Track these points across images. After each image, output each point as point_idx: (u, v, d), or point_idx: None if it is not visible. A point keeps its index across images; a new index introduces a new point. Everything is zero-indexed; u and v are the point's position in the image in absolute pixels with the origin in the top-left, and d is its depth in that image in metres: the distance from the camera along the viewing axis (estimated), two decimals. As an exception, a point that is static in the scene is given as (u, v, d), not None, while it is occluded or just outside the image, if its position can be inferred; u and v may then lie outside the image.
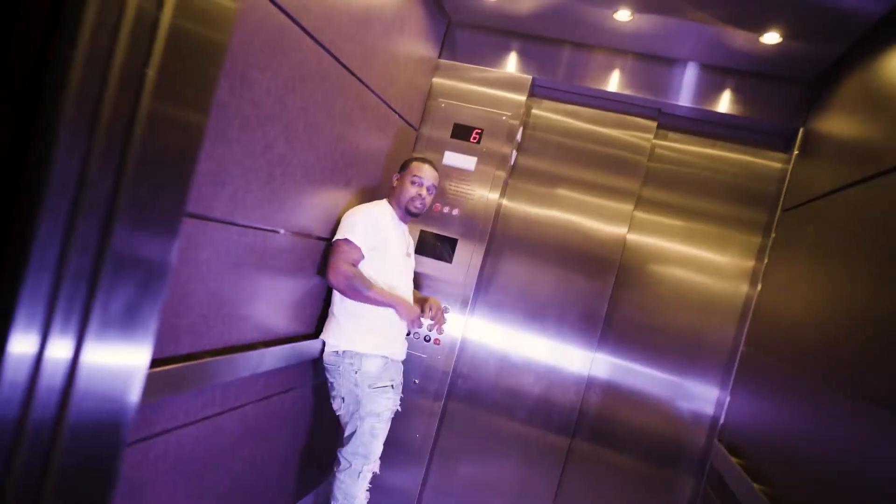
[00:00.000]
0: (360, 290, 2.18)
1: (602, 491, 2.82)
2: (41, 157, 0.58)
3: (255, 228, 1.79)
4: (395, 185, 2.42)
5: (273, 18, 1.62)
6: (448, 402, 2.95)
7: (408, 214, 2.40)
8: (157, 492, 1.63)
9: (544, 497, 2.86)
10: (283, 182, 1.87)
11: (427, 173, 2.39)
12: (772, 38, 2.26)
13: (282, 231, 1.95)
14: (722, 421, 2.58)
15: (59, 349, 0.71)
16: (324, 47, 1.90)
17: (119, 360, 0.79)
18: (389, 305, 2.26)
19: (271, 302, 2.00)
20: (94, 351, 0.75)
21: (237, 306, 1.80)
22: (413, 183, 2.36)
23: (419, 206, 2.38)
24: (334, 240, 2.21)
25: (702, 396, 2.71)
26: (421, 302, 2.48)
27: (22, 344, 0.66)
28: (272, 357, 2.00)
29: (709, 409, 2.70)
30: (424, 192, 2.37)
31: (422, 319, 2.36)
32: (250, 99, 1.60)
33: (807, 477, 1.59)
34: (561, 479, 2.86)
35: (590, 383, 2.86)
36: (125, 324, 0.77)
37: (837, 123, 2.17)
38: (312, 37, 1.82)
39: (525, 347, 2.91)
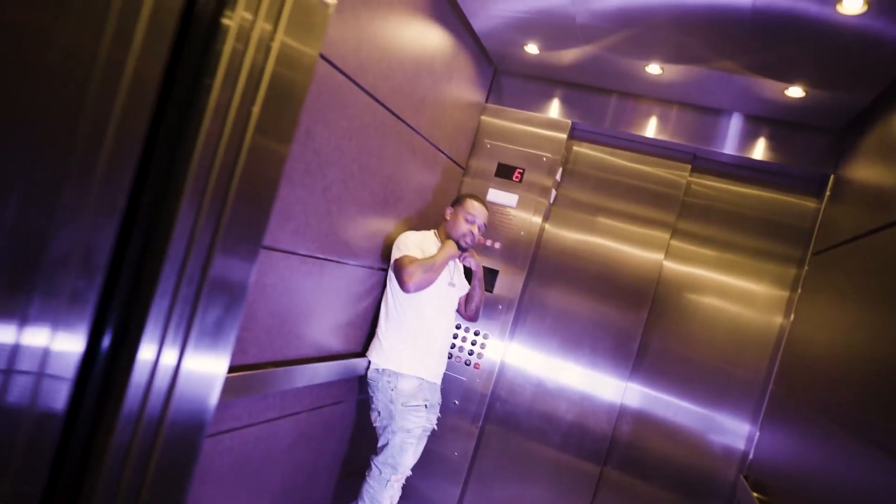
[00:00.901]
0: (431, 271, 2.38)
1: (631, 519, 2.91)
2: (171, 206, 0.83)
3: (313, 257, 2.07)
4: (447, 218, 2.63)
5: (334, 79, 1.91)
6: (485, 425, 3.12)
7: (458, 250, 2.60)
8: (219, 482, 1.89)
9: (575, 521, 2.97)
10: (339, 217, 2.14)
11: (480, 212, 2.60)
12: (796, 91, 2.39)
13: (336, 260, 2.21)
14: (751, 457, 2.64)
15: (168, 357, 0.95)
16: (378, 101, 2.18)
17: (206, 368, 1.03)
18: (449, 257, 2.47)
19: (325, 322, 2.26)
20: (190, 359, 0.99)
21: (296, 325, 2.07)
22: (466, 220, 2.58)
23: (469, 241, 2.59)
24: (394, 259, 2.43)
25: (733, 430, 2.78)
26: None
27: (146, 353, 0.91)
28: (325, 371, 2.25)
29: (740, 444, 2.76)
30: (476, 230, 2.59)
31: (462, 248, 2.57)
32: (313, 148, 1.88)
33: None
34: (592, 502, 2.97)
35: (622, 412, 2.98)
36: (213, 337, 1.02)
37: (863, 171, 2.26)
38: (369, 93, 2.10)
39: (560, 375, 3.07)
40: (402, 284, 2.37)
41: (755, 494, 2.21)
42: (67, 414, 0.83)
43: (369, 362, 2.51)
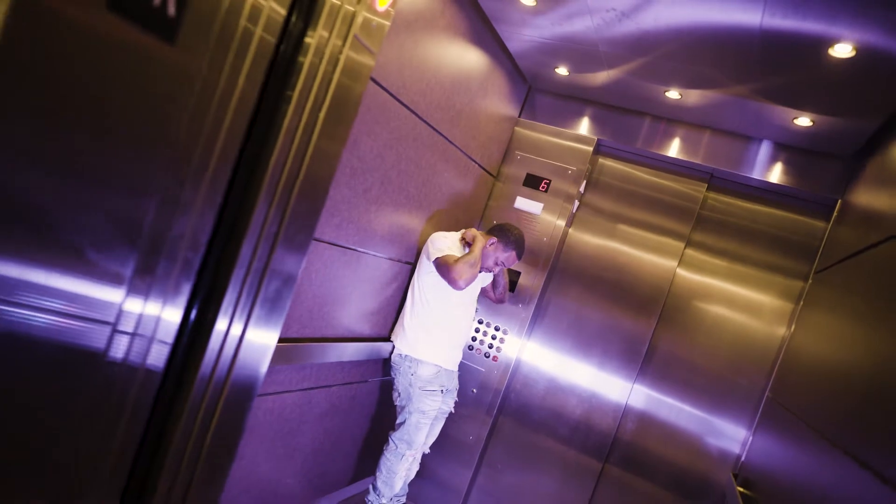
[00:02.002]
0: (475, 267, 2.61)
1: (630, 511, 3.12)
2: (251, 203, 1.11)
3: (352, 249, 2.36)
4: (489, 246, 2.77)
5: (379, 96, 2.20)
6: (499, 414, 3.37)
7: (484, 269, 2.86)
8: (260, 437, 2.20)
9: (577, 510, 3.20)
10: (376, 216, 2.43)
11: (511, 257, 2.82)
12: (804, 121, 2.57)
13: (371, 253, 2.51)
14: (743, 459, 2.83)
15: (236, 329, 1.19)
16: (417, 115, 2.47)
17: (262, 339, 1.23)
18: (482, 253, 2.71)
19: (357, 307, 2.56)
20: (251, 331, 1.23)
21: (333, 308, 2.37)
22: (498, 263, 2.81)
23: (483, 272, 2.85)
24: (436, 258, 2.66)
25: (730, 435, 2.97)
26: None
27: (220, 324, 1.16)
28: (353, 350, 2.55)
29: (735, 448, 2.95)
30: (497, 270, 2.86)
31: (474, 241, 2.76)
32: (357, 154, 2.17)
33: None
34: (592, 496, 3.19)
35: (626, 412, 3.19)
36: (269, 314, 1.28)
37: (863, 195, 2.43)
38: (409, 108, 2.39)
39: (571, 373, 3.30)
40: (453, 283, 2.60)
41: (739, 489, 2.40)
42: (164, 372, 1.09)
43: (393, 347, 2.79)
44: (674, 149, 3.19)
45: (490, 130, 3.22)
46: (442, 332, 2.78)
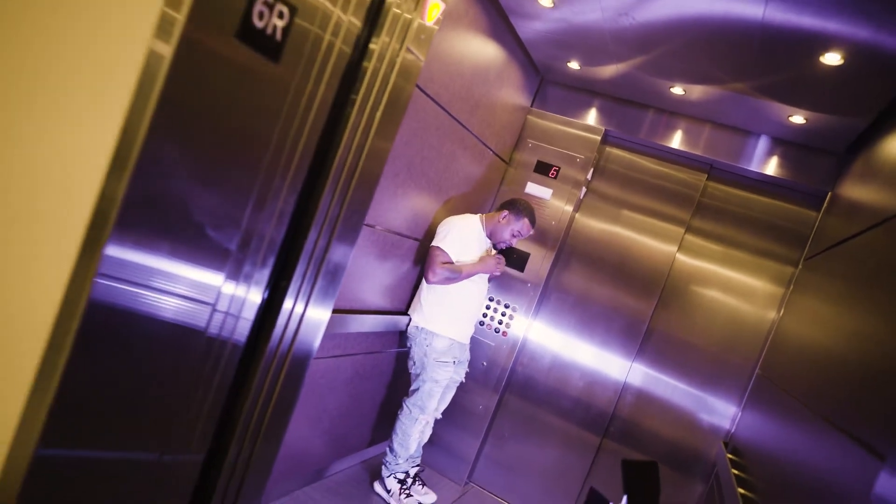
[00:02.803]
0: (454, 278, 2.88)
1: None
2: (316, 198, 1.31)
3: (378, 229, 2.57)
4: (502, 220, 3.03)
5: (409, 89, 2.38)
6: (507, 387, 3.61)
7: (498, 242, 3.09)
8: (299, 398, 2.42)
9: (575, 481, 3.44)
10: (402, 199, 2.63)
11: (529, 232, 3.07)
12: (798, 119, 2.77)
13: (395, 232, 2.71)
14: (733, 431, 3.06)
15: (299, 307, 1.38)
16: (440, 106, 2.65)
17: (318, 316, 1.41)
18: (477, 272, 2.95)
19: (380, 283, 2.77)
20: (310, 309, 1.39)
21: (360, 282, 2.58)
22: (513, 234, 3.04)
23: (503, 246, 3.08)
24: (431, 245, 2.93)
25: (721, 412, 3.20)
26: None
27: (287, 303, 1.33)
28: (375, 322, 2.76)
29: (726, 424, 3.18)
30: (514, 243, 3.06)
31: (495, 262, 3.03)
32: (388, 142, 2.37)
33: (783, 492, 1.89)
34: (591, 467, 3.44)
35: (625, 389, 3.42)
36: (325, 294, 1.45)
37: (850, 188, 2.63)
38: (433, 99, 2.58)
39: (575, 351, 3.52)
40: (426, 275, 2.88)
41: (729, 456, 2.64)
42: (245, 344, 1.28)
43: (410, 319, 3.01)
44: (676, 140, 3.38)
45: (504, 119, 3.40)
46: (455, 307, 2.99)
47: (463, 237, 2.94)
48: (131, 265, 0.95)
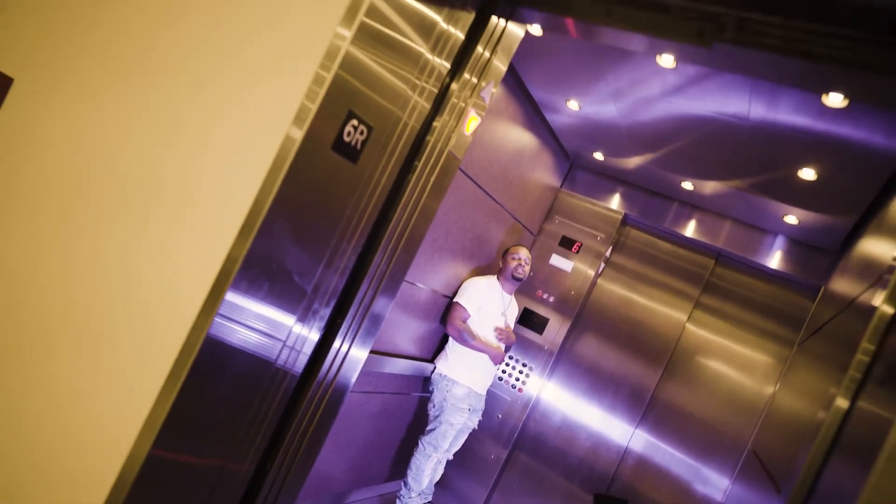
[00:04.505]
0: (467, 340, 3.27)
1: (623, 538, 3.57)
2: (370, 256, 1.74)
3: (416, 285, 2.99)
4: (501, 266, 3.48)
5: (452, 170, 2.86)
6: (518, 439, 3.90)
7: (515, 281, 3.45)
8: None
9: (577, 532, 3.67)
10: (438, 260, 3.07)
11: (521, 251, 3.46)
12: (791, 219, 3.12)
13: (429, 288, 3.13)
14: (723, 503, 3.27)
15: (344, 346, 1.77)
16: (478, 185, 3.12)
17: (358, 354, 1.78)
18: (484, 351, 3.32)
19: (412, 332, 3.17)
20: (353, 349, 1.75)
21: (395, 329, 2.99)
22: (513, 258, 3.44)
23: (521, 272, 3.44)
24: (454, 301, 3.33)
25: (714, 483, 3.42)
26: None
27: (336, 343, 1.73)
28: (404, 365, 3.15)
29: (718, 496, 3.39)
30: (522, 262, 3.45)
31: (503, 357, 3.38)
32: (430, 212, 2.83)
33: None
34: (593, 521, 3.66)
35: (627, 453, 3.68)
36: (366, 337, 1.80)
37: (836, 283, 2.94)
38: (472, 179, 3.05)
39: (583, 413, 3.81)
40: (447, 325, 3.27)
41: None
42: (300, 375, 1.66)
43: (434, 367, 3.38)
44: (688, 229, 3.75)
45: (535, 197, 3.85)
46: (477, 361, 3.35)
47: (481, 295, 3.33)
48: (238, 308, 1.38)
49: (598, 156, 3.71)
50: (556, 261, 4.01)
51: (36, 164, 1.78)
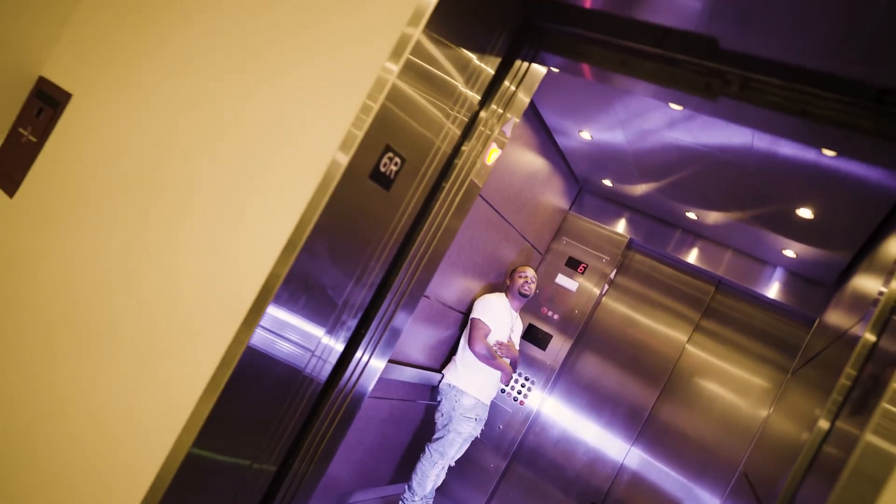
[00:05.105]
0: (489, 360, 3.41)
1: (615, 552, 3.69)
2: (394, 276, 1.89)
3: (428, 298, 3.14)
4: (509, 283, 3.66)
5: (468, 191, 3.01)
6: (518, 450, 4.03)
7: (521, 298, 3.60)
8: (342, 426, 2.95)
9: (571, 544, 3.79)
10: (451, 276, 3.22)
11: (528, 270, 3.63)
12: (789, 253, 3.26)
13: (440, 302, 3.28)
14: (714, 521, 3.40)
15: (365, 357, 1.91)
16: (491, 206, 3.27)
17: (376, 364, 1.91)
18: (501, 370, 3.46)
19: (424, 342, 3.32)
20: (372, 360, 1.88)
21: (407, 338, 3.13)
22: (520, 277, 3.60)
23: (527, 289, 3.59)
24: (472, 317, 3.47)
25: (706, 503, 3.54)
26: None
27: (358, 354, 1.88)
28: (412, 373, 3.29)
29: (710, 513, 3.52)
30: (529, 280, 3.60)
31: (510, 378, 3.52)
32: (445, 230, 2.98)
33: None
34: (586, 533, 3.78)
35: (622, 470, 3.80)
36: (385, 349, 1.96)
37: (831, 314, 3.07)
38: (486, 201, 3.20)
39: (581, 428, 3.94)
40: (471, 343, 3.40)
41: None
42: (324, 382, 1.81)
43: (442, 376, 3.52)
44: (691, 256, 3.89)
45: (544, 218, 4.00)
46: (483, 372, 3.50)
47: (496, 313, 3.49)
48: (277, 320, 1.52)
49: (607, 182, 3.86)
50: (562, 280, 4.16)
51: (90, 177, 1.94)
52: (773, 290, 3.65)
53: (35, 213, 2.03)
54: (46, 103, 2.13)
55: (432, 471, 3.41)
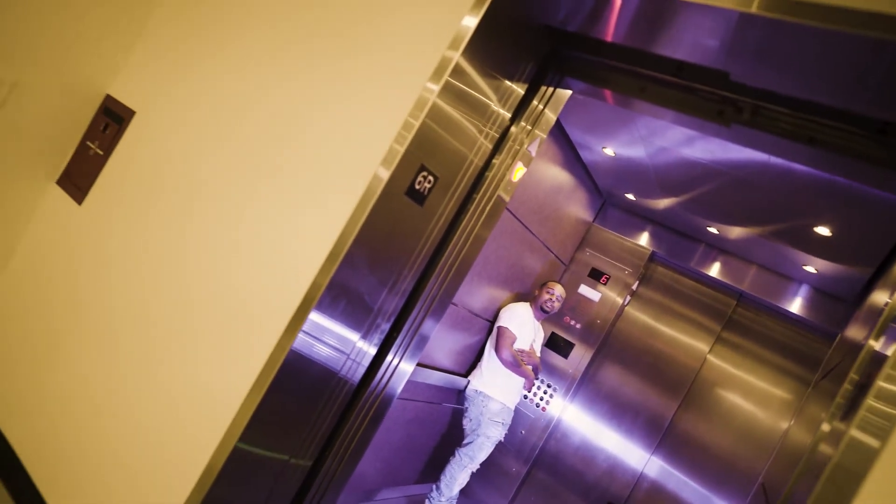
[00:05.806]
0: (515, 367, 3.53)
1: (633, 558, 3.77)
2: (425, 283, 2.03)
3: (455, 305, 3.28)
4: (536, 294, 3.78)
5: (495, 204, 3.15)
6: (539, 455, 4.13)
7: (542, 313, 3.72)
8: (371, 425, 3.10)
9: (590, 548, 3.87)
10: (477, 285, 3.36)
11: (556, 288, 3.74)
12: (810, 269, 3.32)
13: (466, 309, 3.42)
14: (732, 530, 3.46)
15: (395, 360, 2.04)
16: (517, 218, 3.41)
17: (405, 367, 2.06)
18: (525, 377, 3.58)
19: (450, 347, 3.46)
20: (402, 363, 2.03)
21: (435, 343, 3.28)
22: (547, 292, 3.72)
23: (549, 307, 3.71)
24: (499, 325, 3.60)
25: (725, 511, 3.60)
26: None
27: (388, 357, 2.01)
28: (438, 377, 3.43)
29: (728, 523, 3.57)
30: (554, 299, 3.71)
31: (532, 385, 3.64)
32: (473, 241, 3.12)
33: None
34: (605, 539, 3.87)
35: (641, 478, 3.88)
36: (414, 353, 2.10)
37: (851, 332, 3.13)
38: (512, 213, 3.33)
39: (601, 435, 4.03)
40: (498, 351, 3.53)
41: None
42: (357, 384, 1.94)
43: (468, 382, 3.65)
44: (714, 270, 3.97)
45: (568, 230, 4.12)
46: (509, 379, 3.62)
47: (522, 322, 3.61)
48: (318, 325, 1.68)
49: (630, 196, 3.97)
50: (585, 290, 4.26)
51: (150, 188, 2.13)
52: (794, 305, 3.70)
53: (102, 220, 2.23)
54: (112, 119, 2.35)
55: (461, 474, 3.54)
